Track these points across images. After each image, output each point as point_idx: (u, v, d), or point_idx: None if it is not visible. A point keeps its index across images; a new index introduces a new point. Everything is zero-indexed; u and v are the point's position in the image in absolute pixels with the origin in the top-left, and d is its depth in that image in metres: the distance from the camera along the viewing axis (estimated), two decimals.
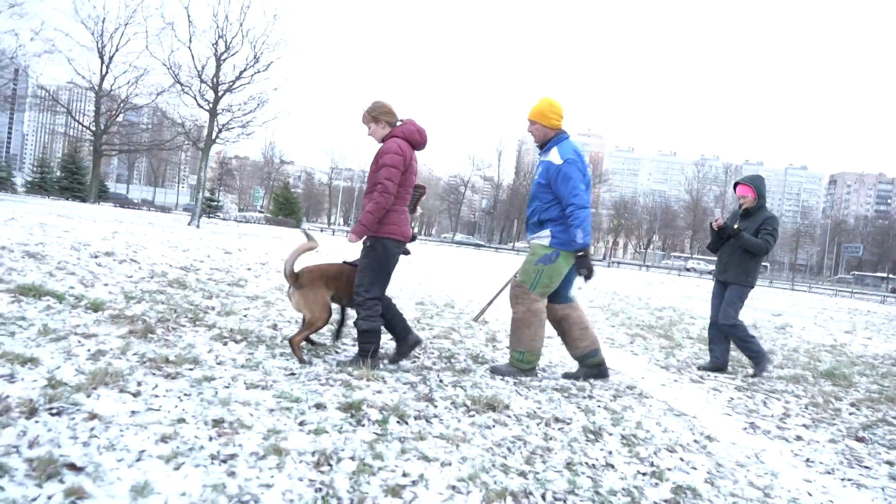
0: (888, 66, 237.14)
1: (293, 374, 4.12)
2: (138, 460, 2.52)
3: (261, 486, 2.45)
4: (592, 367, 5.09)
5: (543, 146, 5.02)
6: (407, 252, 4.77)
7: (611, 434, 3.68)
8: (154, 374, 3.69)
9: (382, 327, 4.70)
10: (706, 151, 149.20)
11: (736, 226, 6.21)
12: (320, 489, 2.48)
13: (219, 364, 4.11)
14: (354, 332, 5.04)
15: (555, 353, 6.18)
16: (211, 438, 2.84)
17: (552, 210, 4.88)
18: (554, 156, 4.85)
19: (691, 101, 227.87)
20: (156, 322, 5.09)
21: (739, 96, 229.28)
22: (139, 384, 3.44)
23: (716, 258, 6.49)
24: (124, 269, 7.47)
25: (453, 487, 2.64)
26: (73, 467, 2.35)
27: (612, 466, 3.16)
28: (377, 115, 4.68)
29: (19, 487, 2.17)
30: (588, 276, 4.85)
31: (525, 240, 5.33)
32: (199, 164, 23.28)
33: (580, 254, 4.79)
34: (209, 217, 43.06)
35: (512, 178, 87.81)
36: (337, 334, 5.40)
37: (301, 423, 3.17)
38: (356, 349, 4.83)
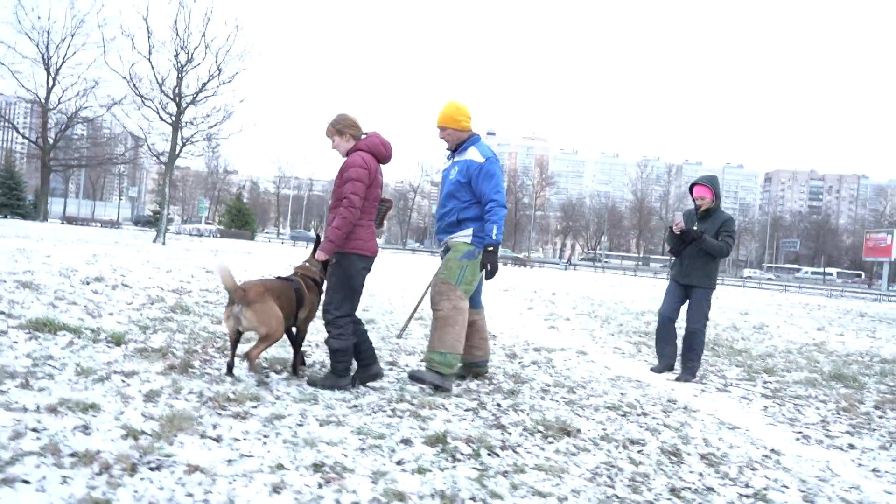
0: (817, 66, 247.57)
1: (355, 406, 4.00)
2: None
3: None
4: (474, 372, 5.17)
5: (456, 149, 5.01)
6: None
7: (689, 454, 3.69)
8: (220, 414, 3.53)
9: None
10: (648, 152, 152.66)
11: (695, 228, 6.06)
12: None
13: (278, 399, 3.96)
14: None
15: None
16: (320, 485, 2.72)
17: (472, 209, 4.83)
18: (474, 154, 4.84)
19: (632, 102, 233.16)
20: (185, 354, 4.90)
21: (678, 98, 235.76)
22: (215, 427, 3.28)
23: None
24: (121, 296, 7.16)
25: None
26: None
27: (713, 490, 3.16)
28: (341, 128, 4.58)
29: None
30: (491, 274, 4.68)
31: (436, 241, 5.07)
32: (164, 180, 22.46)
33: (489, 249, 4.69)
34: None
35: None
36: (294, 368, 4.82)
37: (399, 462, 3.07)
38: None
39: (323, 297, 4.64)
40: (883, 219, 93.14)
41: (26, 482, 2.42)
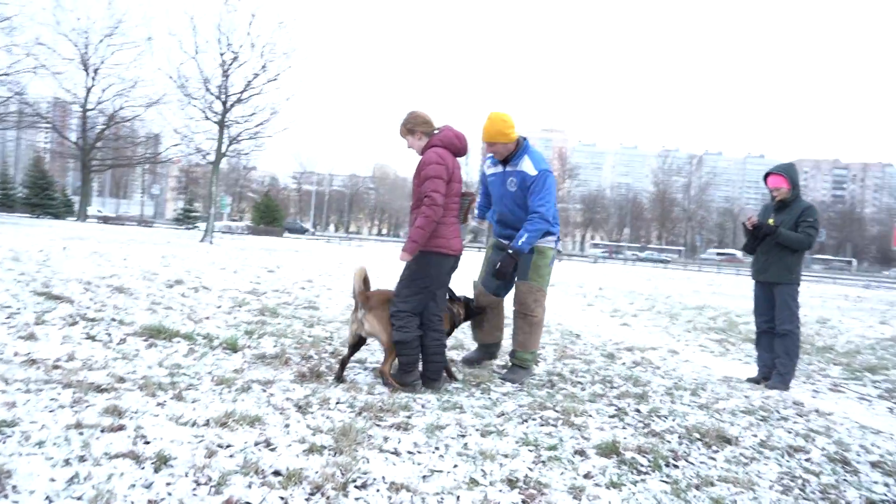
0: (839, 55, 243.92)
1: (502, 414, 3.91)
2: None
3: None
4: (490, 353, 5.40)
5: (508, 160, 4.94)
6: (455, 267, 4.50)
7: (859, 462, 3.57)
8: (379, 425, 3.46)
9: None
10: (668, 143, 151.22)
11: (770, 221, 5.62)
12: None
13: (423, 408, 3.89)
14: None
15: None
16: (525, 502, 2.64)
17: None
18: (527, 166, 4.83)
19: (650, 92, 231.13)
20: (302, 360, 4.86)
21: (697, 87, 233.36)
22: (386, 440, 3.22)
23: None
24: (206, 299, 7.14)
25: None
26: None
27: None
28: (412, 126, 4.46)
29: None
30: (500, 275, 4.75)
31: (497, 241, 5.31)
32: (211, 179, 22.49)
33: (510, 253, 4.71)
34: (188, 228, 42.07)
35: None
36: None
37: (587, 476, 2.99)
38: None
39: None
40: None
41: None
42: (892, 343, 9.24)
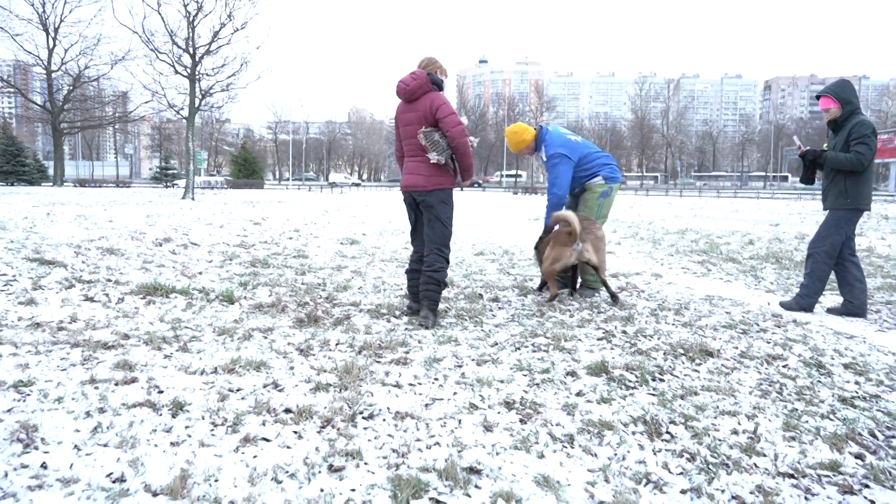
0: None
1: (496, 343, 4.09)
2: (498, 454, 2.49)
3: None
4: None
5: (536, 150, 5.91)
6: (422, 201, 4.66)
7: (832, 365, 3.79)
8: (379, 361, 3.63)
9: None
10: (644, 69, 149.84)
11: (825, 145, 5.48)
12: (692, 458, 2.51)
13: (420, 343, 4.06)
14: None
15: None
16: (523, 421, 2.82)
17: (583, 170, 5.74)
18: (543, 153, 5.78)
19: (624, 18, 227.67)
20: (297, 307, 4.99)
21: (672, 10, 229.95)
22: (387, 374, 3.38)
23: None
24: (197, 254, 7.23)
25: (792, 437, 2.70)
26: (473, 471, 2.32)
27: (879, 397, 3.27)
28: None
29: (453, 498, 2.14)
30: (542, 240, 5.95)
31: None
32: (186, 134, 22.15)
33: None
34: (167, 186, 41.60)
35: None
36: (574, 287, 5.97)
37: (579, 394, 3.17)
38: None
39: None
40: (887, 119, 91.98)
41: (266, 440, 2.52)
42: (867, 253, 9.50)
